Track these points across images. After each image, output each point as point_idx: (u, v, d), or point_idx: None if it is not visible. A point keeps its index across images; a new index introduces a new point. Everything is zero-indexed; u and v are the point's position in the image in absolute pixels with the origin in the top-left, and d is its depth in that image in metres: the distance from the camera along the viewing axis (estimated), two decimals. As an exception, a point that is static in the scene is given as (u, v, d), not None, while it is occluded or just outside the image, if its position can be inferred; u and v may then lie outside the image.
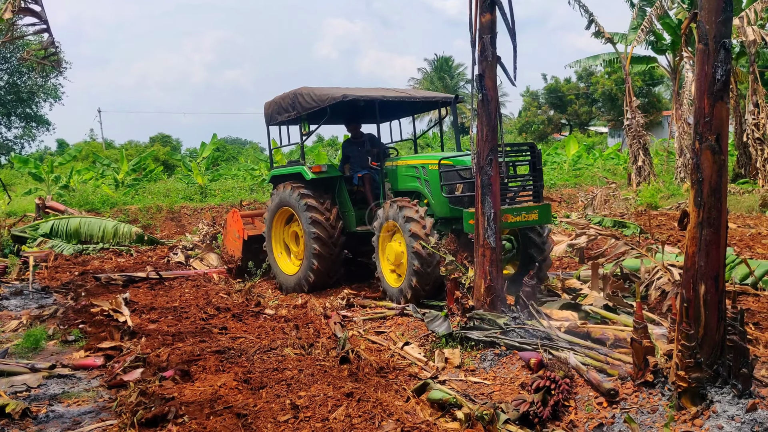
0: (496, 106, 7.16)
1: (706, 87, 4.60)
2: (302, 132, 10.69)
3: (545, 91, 61.24)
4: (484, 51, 7.07)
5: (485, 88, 7.10)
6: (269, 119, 11.16)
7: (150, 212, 21.26)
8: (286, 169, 10.97)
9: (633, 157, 26.51)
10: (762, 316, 7.16)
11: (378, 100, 9.55)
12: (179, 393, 5.35)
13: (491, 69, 7.12)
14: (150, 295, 9.85)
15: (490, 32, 7.06)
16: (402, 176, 9.42)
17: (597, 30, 25.92)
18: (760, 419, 4.43)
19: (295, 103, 10.17)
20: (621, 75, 34.27)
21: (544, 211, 8.31)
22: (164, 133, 67.78)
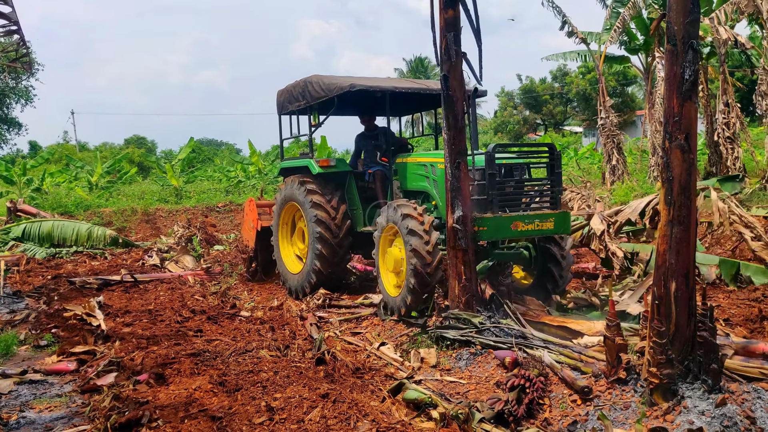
0: (462, 107, 7.03)
1: (675, 87, 4.66)
2: (311, 123, 10.04)
3: (520, 91, 61.60)
4: (448, 50, 6.94)
5: (450, 88, 6.97)
6: (281, 108, 10.62)
7: (125, 215, 21.06)
8: (293, 161, 10.46)
9: (607, 156, 26.77)
10: (732, 312, 7.27)
11: (389, 91, 9.02)
12: (153, 396, 5.31)
13: (456, 69, 6.99)
14: (125, 298, 9.76)
15: (453, 29, 6.89)
16: (411, 175, 8.86)
17: (570, 30, 26.13)
18: (729, 414, 4.49)
19: (305, 92, 9.64)
20: (595, 75, 34.60)
21: (562, 220, 7.59)
22: (139, 134, 67.33)
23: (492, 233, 7.21)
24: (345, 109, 10.39)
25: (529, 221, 7.35)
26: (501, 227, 7.19)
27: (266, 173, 28.58)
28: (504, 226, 7.20)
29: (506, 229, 7.23)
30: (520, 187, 7.85)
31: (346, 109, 10.61)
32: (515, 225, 7.25)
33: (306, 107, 9.82)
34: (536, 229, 7.40)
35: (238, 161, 34.11)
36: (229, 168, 34.21)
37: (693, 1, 4.60)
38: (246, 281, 11.43)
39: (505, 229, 7.23)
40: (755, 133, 30.63)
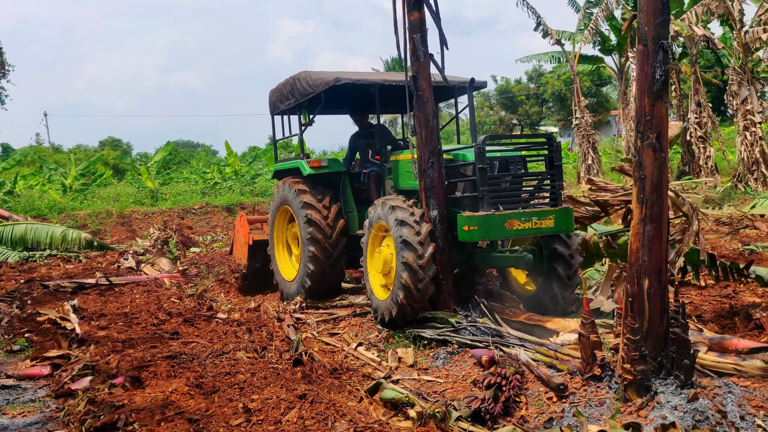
0: (432, 107, 7.02)
1: (646, 87, 4.73)
2: (301, 122, 9.62)
3: (496, 92, 61.89)
4: (416, 51, 6.96)
5: (420, 89, 6.98)
6: (273, 108, 10.24)
7: (99, 217, 20.83)
8: (286, 163, 10.05)
9: (582, 155, 27.04)
10: (704, 308, 7.38)
11: (377, 85, 8.54)
12: (129, 400, 5.27)
13: (424, 69, 6.99)
14: (100, 301, 9.67)
15: (420, 30, 6.92)
16: (403, 173, 8.27)
17: (545, 31, 26.35)
18: (701, 408, 4.57)
19: (294, 89, 9.24)
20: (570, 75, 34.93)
21: (563, 217, 6.96)
22: (114, 136, 66.59)
23: (484, 233, 6.70)
24: (334, 106, 10.04)
25: (525, 219, 6.76)
26: (494, 226, 6.65)
27: (242, 175, 28.44)
28: (497, 225, 6.66)
29: (500, 229, 6.68)
30: (517, 183, 7.25)
31: (335, 107, 10.26)
32: (510, 223, 6.68)
33: (296, 105, 9.48)
34: (534, 227, 6.81)
35: (215, 163, 33.90)
36: (205, 170, 33.97)
37: (663, 2, 4.67)
38: (223, 283, 11.37)
39: (499, 229, 6.68)
40: (726, 132, 31.11)
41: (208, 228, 21.08)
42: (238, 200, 23.67)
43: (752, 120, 20.29)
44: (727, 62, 21.64)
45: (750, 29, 20.23)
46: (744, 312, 6.83)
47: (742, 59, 20.36)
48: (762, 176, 20.19)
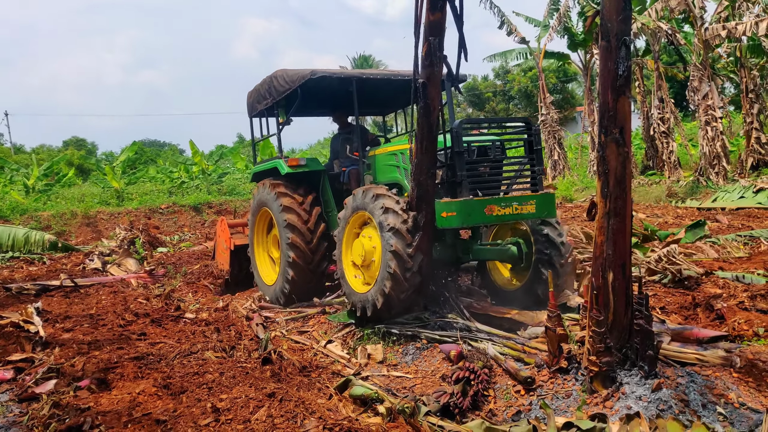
0: (438, 117, 6.48)
1: (609, 82, 4.80)
2: (278, 121, 9.32)
3: (463, 88, 62.19)
4: (431, 55, 6.20)
5: (429, 96, 6.30)
6: (251, 109, 9.98)
7: (64, 218, 20.51)
8: (264, 164, 9.81)
9: (548, 151, 27.32)
10: (668, 300, 7.51)
11: (354, 79, 8.22)
12: (95, 402, 5.19)
13: (436, 76, 6.29)
14: (65, 303, 9.51)
15: (438, 34, 6.11)
16: (381, 166, 8.13)
17: (509, 30, 26.57)
18: (665, 398, 4.66)
19: (271, 87, 8.99)
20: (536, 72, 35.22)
21: (545, 202, 6.80)
22: (78, 136, 65.53)
23: (463, 219, 6.49)
24: (312, 104, 9.80)
25: (506, 204, 6.59)
26: (473, 212, 6.47)
27: (209, 173, 28.20)
28: (476, 211, 6.47)
29: (479, 214, 6.49)
30: (497, 168, 7.05)
31: (313, 105, 10.05)
32: (490, 209, 6.50)
33: (273, 104, 9.22)
34: (515, 213, 6.64)
35: (181, 162, 33.56)
36: (172, 169, 33.60)
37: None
38: (190, 283, 11.27)
39: (478, 214, 6.49)
40: (689, 127, 31.66)
41: (175, 228, 20.88)
42: (206, 199, 23.48)
43: (713, 115, 20.68)
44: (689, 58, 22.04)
45: (710, 26, 20.61)
46: (706, 303, 6.97)
47: (703, 55, 20.73)
48: (723, 170, 20.61)
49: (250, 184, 27.06)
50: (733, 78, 23.88)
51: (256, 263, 9.78)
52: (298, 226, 8.41)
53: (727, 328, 6.27)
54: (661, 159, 23.98)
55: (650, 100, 25.45)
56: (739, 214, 15.80)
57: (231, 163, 34.01)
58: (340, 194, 9.03)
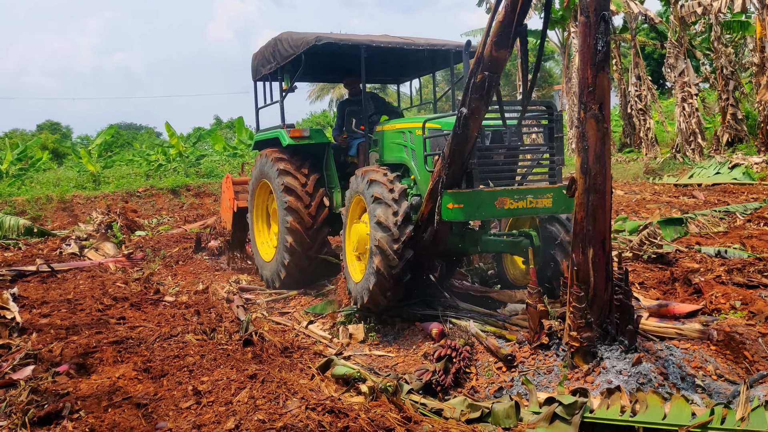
0: (470, 149, 5.70)
1: (588, 58, 4.79)
2: (282, 87, 8.69)
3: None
4: (481, 90, 5.21)
5: (468, 128, 5.43)
6: (255, 73, 9.40)
7: (39, 203, 20.19)
8: (266, 133, 9.16)
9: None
10: (646, 276, 7.58)
11: (363, 46, 7.60)
12: (75, 387, 5.13)
13: (481, 111, 5.38)
14: (41, 288, 9.38)
15: (497, 71, 5.19)
16: (389, 144, 7.47)
17: (489, 6, 26.47)
18: (645, 371, 4.70)
19: (276, 51, 8.43)
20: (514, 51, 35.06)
21: (563, 196, 6.00)
22: (53, 120, 64.49)
23: (471, 212, 5.85)
24: (317, 70, 9.35)
25: (519, 197, 5.91)
26: (482, 204, 5.82)
27: (187, 156, 27.92)
28: (486, 203, 5.83)
29: (489, 207, 5.84)
30: (512, 156, 6.34)
31: (318, 71, 9.58)
32: (501, 202, 5.84)
33: (277, 69, 8.62)
34: (529, 207, 5.96)
35: (158, 144, 33.20)
36: (149, 152, 33.21)
37: (603, -27, 4.71)
38: (169, 266, 11.18)
39: (488, 207, 5.84)
40: (665, 105, 31.86)
41: (153, 211, 20.66)
42: (184, 182, 23.25)
43: (689, 92, 20.82)
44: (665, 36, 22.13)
45: (685, 3, 20.68)
46: (684, 278, 7.04)
47: (679, 32, 20.82)
48: (699, 147, 20.79)
49: (228, 167, 26.86)
50: (708, 55, 23.98)
51: (255, 237, 9.36)
52: (299, 210, 7.93)
53: (705, 302, 6.35)
54: (638, 136, 24.14)
55: (627, 77, 25.55)
56: (715, 189, 15.98)
57: (209, 145, 33.68)
58: (344, 167, 8.50)
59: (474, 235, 7.00)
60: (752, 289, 6.64)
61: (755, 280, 6.82)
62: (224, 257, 11.07)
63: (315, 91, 45.62)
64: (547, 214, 6.33)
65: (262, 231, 9.38)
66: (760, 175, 16.98)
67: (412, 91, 10.60)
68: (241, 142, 30.89)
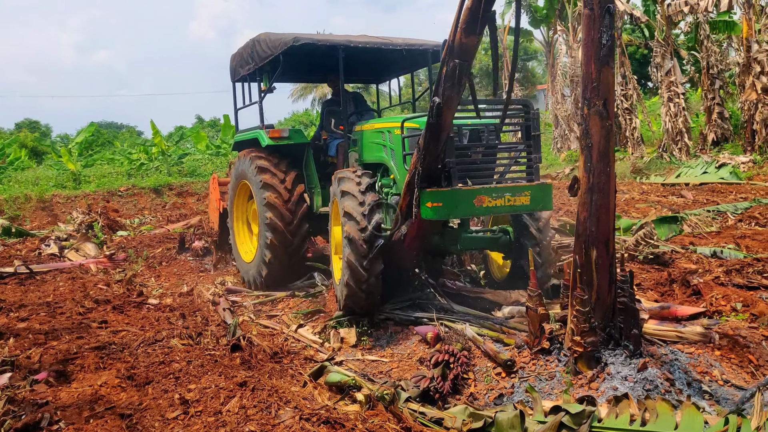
0: (446, 139, 5.74)
1: (593, 52, 4.61)
2: (260, 88, 8.65)
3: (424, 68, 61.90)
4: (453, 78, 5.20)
5: (442, 118, 5.42)
6: (233, 74, 9.41)
7: (17, 202, 19.76)
8: (245, 134, 9.18)
9: (513, 129, 27.25)
10: (643, 277, 7.43)
11: (341, 46, 7.64)
12: (54, 396, 4.88)
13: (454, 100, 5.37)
14: (19, 291, 9.08)
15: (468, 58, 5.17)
16: (368, 144, 7.50)
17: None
18: (651, 377, 4.54)
19: (254, 52, 8.42)
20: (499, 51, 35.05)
21: (541, 194, 6.13)
22: (32, 118, 63.54)
23: (449, 211, 5.92)
24: (297, 71, 9.36)
25: (497, 195, 5.98)
26: (461, 203, 5.88)
27: (170, 155, 27.53)
28: (465, 202, 5.89)
29: (468, 205, 5.91)
30: (490, 155, 6.42)
31: (297, 72, 9.55)
32: (480, 200, 5.91)
33: (255, 70, 8.61)
34: (507, 204, 6.03)
35: (140, 143, 32.73)
36: (130, 150, 32.73)
37: (608, -36, 4.54)
38: (152, 267, 10.90)
39: (467, 205, 5.91)
40: (649, 104, 31.93)
41: (135, 210, 20.30)
42: (166, 181, 22.88)
43: (676, 91, 20.80)
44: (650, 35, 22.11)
45: (672, 2, 20.65)
46: (682, 279, 6.90)
47: (666, 31, 20.79)
48: (685, 146, 20.78)
49: (211, 165, 26.51)
50: (694, 54, 24.00)
51: (235, 238, 9.29)
52: (278, 206, 7.88)
53: (705, 304, 6.21)
54: (624, 135, 24.11)
55: (613, 77, 25.52)
56: (702, 189, 15.93)
57: (191, 144, 33.25)
58: (324, 167, 8.56)
59: (454, 233, 6.97)
60: (752, 291, 6.52)
61: (755, 281, 6.70)
62: (210, 258, 10.82)
63: (298, 90, 45.38)
64: (526, 211, 6.48)
65: (242, 233, 9.32)
66: (747, 174, 16.97)
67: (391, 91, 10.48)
68: (224, 142, 30.54)
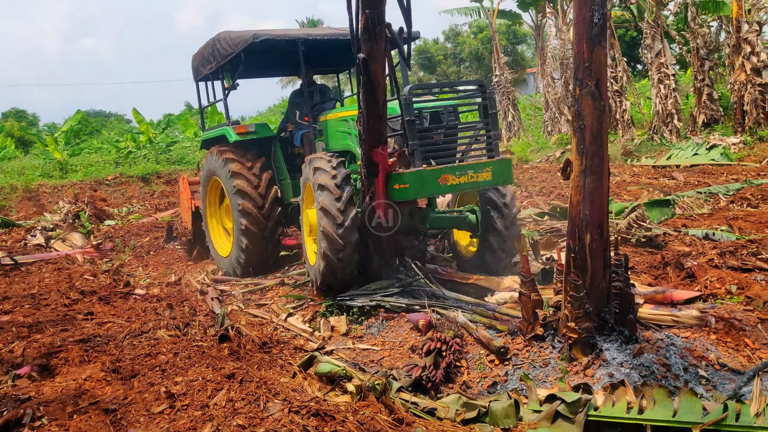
0: (384, 93, 5.97)
1: (584, 31, 4.49)
2: (224, 86, 8.80)
3: (414, 52, 61.58)
4: (369, 29, 5.49)
5: (371, 73, 5.74)
6: (196, 73, 9.49)
7: (3, 192, 19.52)
8: (212, 131, 9.44)
9: (503, 113, 27.12)
10: (636, 260, 7.35)
11: (300, 40, 7.81)
12: (37, 392, 4.76)
13: (379, 51, 5.66)
14: (4, 283, 8.92)
15: (377, 6, 5.44)
16: (333, 133, 7.76)
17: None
18: (647, 363, 4.46)
19: (215, 51, 8.53)
20: (487, 34, 34.82)
21: (501, 169, 6.52)
22: (18, 108, 62.82)
23: (416, 191, 6.24)
24: (259, 67, 9.48)
25: (461, 173, 6.31)
26: (427, 183, 6.20)
27: (158, 142, 27.23)
28: (430, 182, 6.20)
29: (433, 185, 6.23)
30: (451, 135, 6.74)
31: (260, 68, 9.71)
32: (444, 179, 6.23)
33: (218, 68, 8.72)
34: (471, 181, 6.36)
35: (127, 131, 32.36)
36: (118, 139, 32.35)
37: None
38: (140, 257, 10.76)
39: (432, 185, 6.23)
40: (639, 86, 31.82)
41: (123, 199, 20.11)
42: (155, 169, 22.65)
43: (666, 72, 20.69)
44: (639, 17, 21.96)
45: (662, -17, 20.50)
46: (675, 262, 6.82)
47: (655, 12, 20.65)
48: (676, 128, 20.70)
49: (200, 153, 26.25)
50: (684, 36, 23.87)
51: (210, 235, 9.42)
52: (248, 192, 8.11)
53: (700, 287, 6.12)
54: (614, 118, 23.99)
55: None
56: (693, 170, 15.86)
57: (179, 131, 32.92)
58: (292, 158, 8.79)
59: (422, 213, 7.17)
60: (747, 273, 6.43)
61: (749, 263, 6.61)
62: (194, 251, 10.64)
63: (287, 76, 44.95)
64: (488, 186, 6.74)
65: (216, 229, 9.48)
66: (738, 155, 16.91)
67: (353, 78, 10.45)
68: (213, 129, 30.18)
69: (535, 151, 23.53)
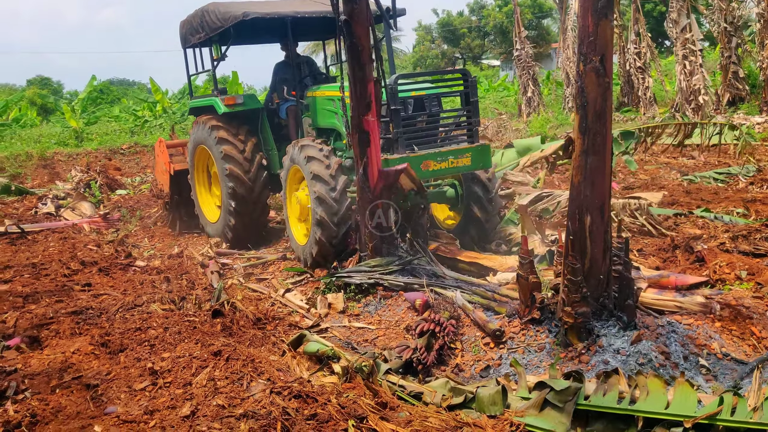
0: (369, 56, 5.98)
1: (590, 4, 4.26)
2: (213, 56, 8.94)
3: (438, 25, 60.82)
4: None
5: (354, 35, 5.81)
6: (184, 41, 9.50)
7: (19, 160, 19.59)
8: (201, 100, 9.61)
9: (523, 88, 26.69)
10: (645, 242, 7.15)
11: (289, 18, 8.00)
12: (24, 364, 4.71)
13: (360, 11, 5.76)
14: (9, 251, 8.90)
15: None
16: (320, 110, 7.97)
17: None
18: (645, 350, 4.31)
19: (203, 22, 8.58)
20: (512, 7, 34.21)
21: (481, 154, 6.88)
22: (43, 75, 63.08)
23: None
24: (248, 38, 9.54)
25: (442, 159, 6.67)
26: None
27: (174, 112, 27.18)
28: (413, 167, 6.43)
29: (416, 171, 6.47)
30: (433, 122, 7.11)
31: (249, 38, 9.73)
32: (426, 164, 6.57)
33: (206, 39, 8.75)
34: (451, 166, 6.75)
35: (143, 99, 32.33)
36: (135, 108, 32.38)
37: None
38: (146, 228, 10.71)
39: (415, 171, 6.46)
40: (665, 63, 31.16)
41: (137, 169, 20.07)
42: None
43: (692, 49, 20.16)
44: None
45: (690, -44, 19.89)
46: (685, 245, 6.60)
47: (682, -13, 20.08)
48: (699, 106, 20.20)
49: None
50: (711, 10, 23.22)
51: (199, 203, 9.62)
52: (235, 156, 8.34)
53: (708, 272, 5.92)
54: (636, 95, 23.54)
55: (626, 35, 24.83)
56: (714, 150, 15.46)
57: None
58: (279, 129, 8.98)
59: None
60: (759, 258, 6.20)
61: (762, 248, 6.38)
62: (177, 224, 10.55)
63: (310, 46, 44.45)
64: (467, 171, 7.06)
65: (205, 196, 9.68)
66: (762, 135, 16.45)
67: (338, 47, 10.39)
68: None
69: (554, 127, 23.11)
